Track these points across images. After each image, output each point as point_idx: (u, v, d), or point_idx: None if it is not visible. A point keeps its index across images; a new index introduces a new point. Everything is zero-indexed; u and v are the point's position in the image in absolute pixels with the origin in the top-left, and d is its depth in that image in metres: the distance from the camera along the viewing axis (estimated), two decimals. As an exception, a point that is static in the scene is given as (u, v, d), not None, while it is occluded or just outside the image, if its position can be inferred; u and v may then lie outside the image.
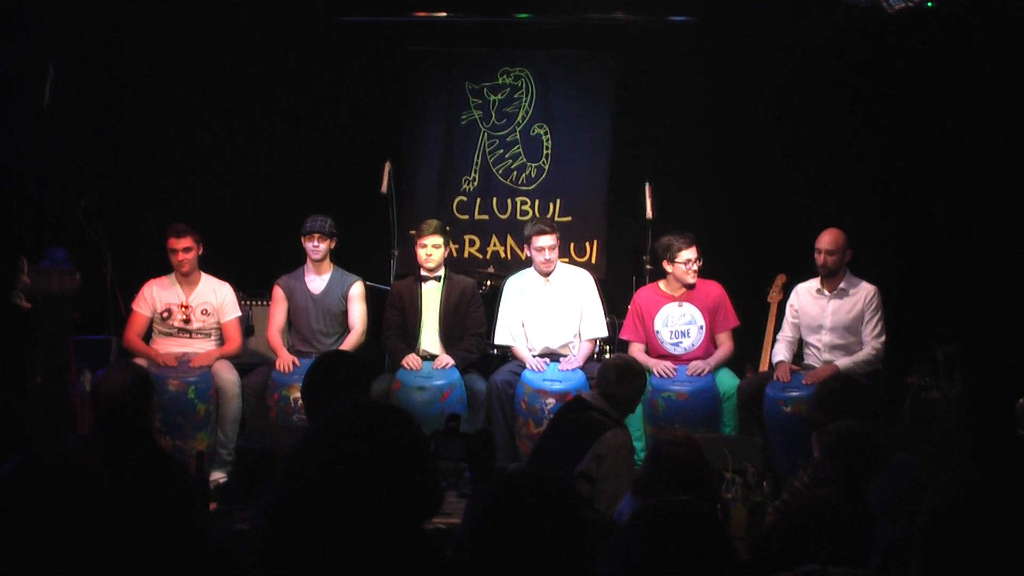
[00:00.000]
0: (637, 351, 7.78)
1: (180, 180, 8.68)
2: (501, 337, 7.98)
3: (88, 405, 5.65)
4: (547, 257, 7.83)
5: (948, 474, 2.54)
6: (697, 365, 7.57)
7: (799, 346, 7.73)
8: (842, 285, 7.51)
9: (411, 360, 7.63)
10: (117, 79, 8.51)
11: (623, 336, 7.96)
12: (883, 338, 7.40)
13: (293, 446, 2.27)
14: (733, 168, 8.65)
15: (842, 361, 7.35)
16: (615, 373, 5.79)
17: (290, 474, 2.21)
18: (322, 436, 2.25)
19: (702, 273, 7.82)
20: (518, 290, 8.00)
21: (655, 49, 8.67)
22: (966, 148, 7.97)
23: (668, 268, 7.78)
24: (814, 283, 7.63)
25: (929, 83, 8.15)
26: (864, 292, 7.48)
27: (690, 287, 7.76)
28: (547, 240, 7.80)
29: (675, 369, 7.59)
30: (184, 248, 7.68)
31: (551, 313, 7.92)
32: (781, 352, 7.61)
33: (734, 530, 5.20)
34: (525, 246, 8.09)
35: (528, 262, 8.13)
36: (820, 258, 7.49)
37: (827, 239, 7.48)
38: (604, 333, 7.97)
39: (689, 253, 7.67)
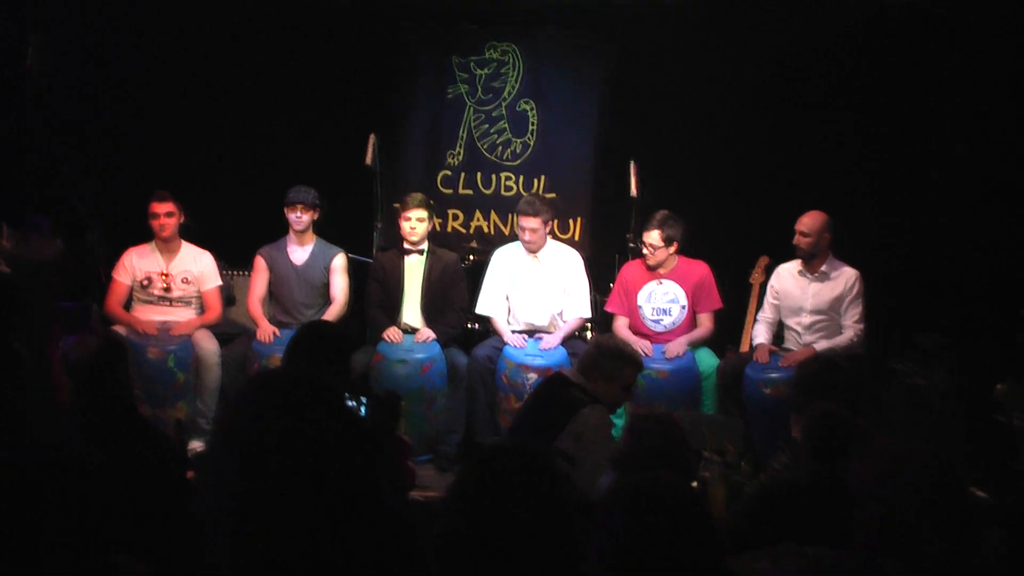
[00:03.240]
0: (621, 326, 7.80)
1: (164, 149, 8.63)
2: (482, 307, 7.98)
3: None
4: (527, 238, 7.83)
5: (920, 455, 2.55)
6: (674, 348, 7.58)
7: (779, 328, 7.75)
8: (824, 268, 7.50)
9: (392, 333, 7.63)
10: (101, 47, 8.46)
11: (608, 309, 7.97)
12: (863, 324, 7.41)
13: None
14: (719, 149, 8.64)
15: (821, 344, 7.36)
16: (599, 352, 5.78)
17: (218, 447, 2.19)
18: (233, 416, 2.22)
19: (688, 252, 7.83)
20: (505, 263, 7.99)
21: (645, 28, 8.64)
22: (954, 134, 8.00)
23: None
24: (796, 265, 7.63)
25: (918, 69, 8.17)
26: (846, 276, 7.46)
27: (651, 268, 7.77)
28: (529, 223, 7.79)
29: (652, 348, 7.61)
30: (166, 213, 7.65)
31: (537, 289, 7.92)
32: (761, 334, 7.62)
33: (712, 509, 5.21)
34: (517, 218, 8.10)
35: (512, 237, 8.12)
36: (797, 239, 7.48)
37: (805, 221, 7.47)
38: (588, 314, 7.97)
39: (650, 236, 7.68)
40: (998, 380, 6.41)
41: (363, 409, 4.08)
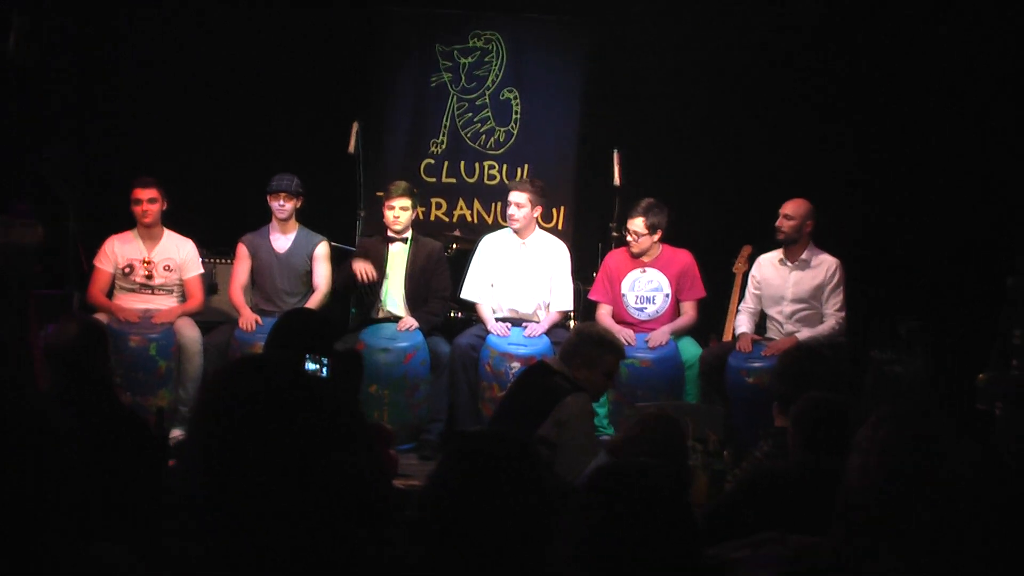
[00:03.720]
0: (604, 314, 7.81)
1: (146, 136, 8.60)
2: (468, 292, 7.97)
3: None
4: (511, 212, 7.82)
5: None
6: (656, 337, 7.59)
7: (761, 318, 7.76)
8: (804, 256, 7.52)
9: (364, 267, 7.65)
10: (83, 32, 8.42)
11: (592, 296, 7.99)
12: (844, 312, 7.43)
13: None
14: (702, 138, 8.65)
15: (803, 333, 7.38)
16: (579, 339, 5.78)
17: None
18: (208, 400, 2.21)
19: (672, 242, 7.83)
20: (492, 249, 7.99)
21: (627, 16, 8.63)
22: (936, 124, 8.01)
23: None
24: (776, 254, 7.65)
25: (900, 56, 8.18)
26: (827, 265, 7.48)
27: (635, 256, 7.77)
28: (516, 196, 7.81)
29: (635, 337, 7.61)
30: (149, 199, 7.63)
31: (522, 277, 7.91)
32: (743, 323, 7.64)
33: (694, 497, 5.21)
34: (501, 206, 8.11)
35: (496, 225, 8.11)
36: (779, 223, 7.50)
37: (789, 205, 7.50)
38: (569, 307, 7.97)
39: (635, 224, 7.69)
40: (977, 368, 6.43)
41: (324, 370, 4.02)
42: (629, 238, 7.76)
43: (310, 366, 4.04)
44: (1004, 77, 7.69)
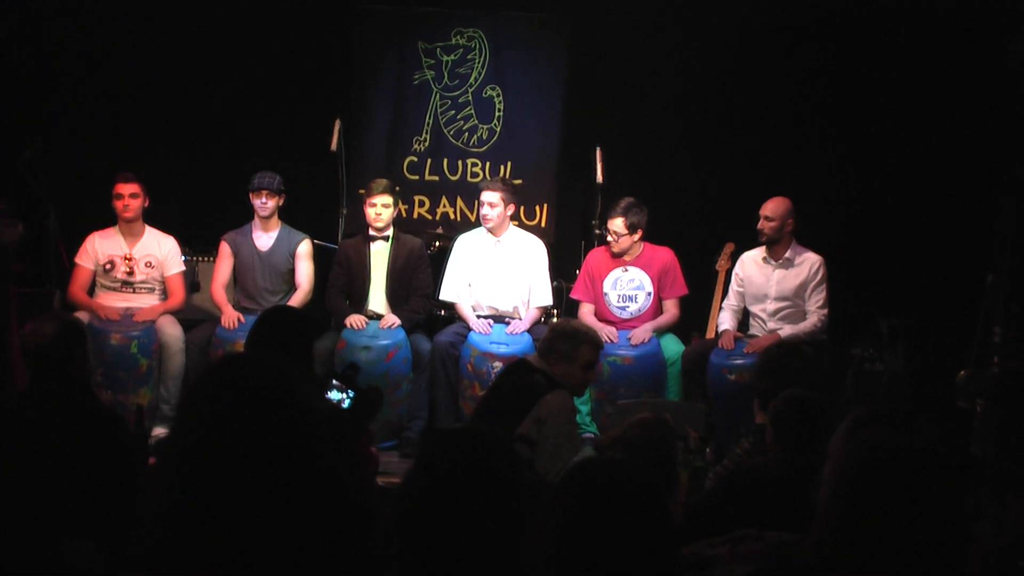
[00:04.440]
0: (586, 312, 7.80)
1: (126, 133, 8.58)
2: (446, 294, 7.97)
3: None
4: (485, 212, 7.83)
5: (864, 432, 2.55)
6: (639, 334, 7.59)
7: (744, 315, 7.77)
8: (787, 254, 7.53)
9: (355, 320, 7.60)
10: (61, 29, 8.39)
11: (574, 296, 7.99)
12: (827, 309, 7.45)
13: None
14: (684, 135, 8.65)
15: (785, 330, 7.40)
16: (554, 334, 5.77)
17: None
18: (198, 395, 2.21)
19: (655, 239, 7.84)
20: (467, 249, 7.98)
21: (609, 13, 8.63)
22: (915, 121, 8.04)
23: None
24: (759, 252, 7.66)
25: (880, 54, 8.20)
26: (810, 262, 7.50)
27: (615, 255, 7.77)
28: (488, 196, 7.81)
29: (618, 335, 7.62)
30: (131, 194, 7.62)
31: (499, 275, 7.91)
32: (726, 320, 7.65)
33: (676, 495, 5.22)
34: (476, 203, 8.09)
35: (479, 223, 8.11)
36: (761, 225, 7.52)
37: (769, 205, 7.51)
38: (549, 302, 7.97)
39: (614, 224, 7.69)
40: (958, 365, 6.45)
41: (347, 402, 4.11)
42: (609, 238, 7.76)
43: (334, 396, 4.10)
44: (981, 75, 7.71)
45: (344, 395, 4.13)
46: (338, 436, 3.86)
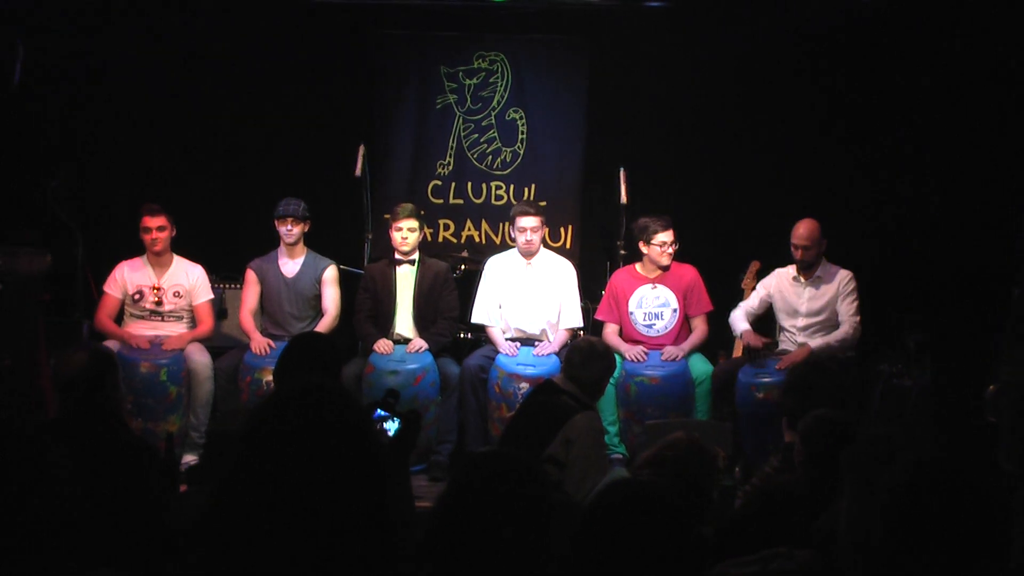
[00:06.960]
0: (611, 333, 7.79)
1: (153, 162, 8.64)
2: (478, 316, 7.98)
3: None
4: (528, 238, 7.81)
5: (907, 454, 2.54)
6: (671, 351, 7.58)
7: (775, 329, 7.75)
8: (818, 274, 7.55)
9: (382, 345, 7.62)
10: (88, 59, 8.46)
11: (598, 317, 7.97)
12: (859, 317, 7.44)
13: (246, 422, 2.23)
14: (708, 154, 8.66)
15: (817, 341, 7.39)
16: (579, 355, 5.75)
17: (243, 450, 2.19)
18: (272, 412, 2.22)
19: (677, 257, 7.83)
20: (499, 271, 7.99)
21: (630, 34, 8.65)
22: (941, 136, 8.01)
23: (644, 249, 7.78)
24: (791, 270, 7.66)
25: (905, 70, 8.18)
26: (839, 278, 7.52)
27: (664, 268, 7.77)
28: (530, 221, 7.79)
29: (646, 353, 7.60)
30: (158, 227, 7.65)
31: (529, 297, 7.90)
32: (739, 319, 7.66)
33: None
34: (509, 226, 8.09)
35: (503, 246, 8.12)
36: (797, 253, 7.51)
37: (802, 232, 7.49)
38: (579, 324, 7.96)
39: (665, 236, 7.68)
40: (985, 380, 6.43)
41: (394, 429, 4.08)
42: (660, 250, 7.68)
43: (387, 425, 4.07)
44: (1008, 89, 7.68)
45: (389, 422, 4.10)
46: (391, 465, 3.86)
